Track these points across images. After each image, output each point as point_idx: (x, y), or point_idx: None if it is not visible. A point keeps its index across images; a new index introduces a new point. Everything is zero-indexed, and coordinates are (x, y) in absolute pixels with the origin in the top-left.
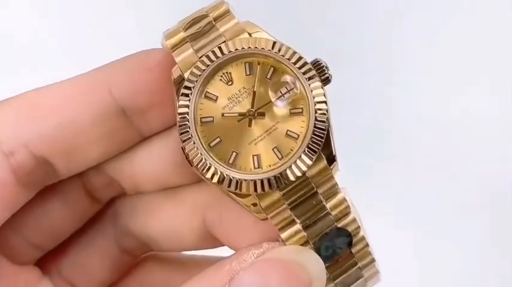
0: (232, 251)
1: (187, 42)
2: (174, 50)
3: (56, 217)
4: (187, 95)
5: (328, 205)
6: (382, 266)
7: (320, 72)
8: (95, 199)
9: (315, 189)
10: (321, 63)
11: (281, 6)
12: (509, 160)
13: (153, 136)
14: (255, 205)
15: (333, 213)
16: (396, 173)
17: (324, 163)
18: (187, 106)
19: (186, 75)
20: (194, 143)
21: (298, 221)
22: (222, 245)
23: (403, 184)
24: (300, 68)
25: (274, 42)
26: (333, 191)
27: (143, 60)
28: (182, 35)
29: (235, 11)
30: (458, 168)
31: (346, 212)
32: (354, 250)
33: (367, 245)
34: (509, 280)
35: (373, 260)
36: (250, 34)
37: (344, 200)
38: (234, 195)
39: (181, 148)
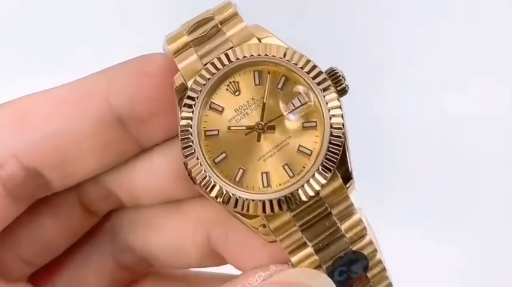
0: (238, 271)
1: (190, 47)
2: (176, 56)
3: (49, 231)
4: (190, 106)
5: (343, 227)
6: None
7: (336, 82)
8: (91, 212)
9: (329, 210)
10: (337, 73)
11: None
12: None
13: (154, 147)
14: (263, 226)
15: (348, 235)
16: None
17: (339, 181)
18: (191, 118)
19: (189, 84)
20: (197, 158)
21: (310, 244)
22: (227, 263)
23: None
24: (314, 77)
25: (286, 49)
26: (348, 211)
27: (143, 65)
28: (185, 39)
29: (243, 13)
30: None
31: (362, 234)
32: (370, 274)
33: (384, 269)
34: None
35: (390, 285)
36: (259, 39)
37: (360, 221)
38: (240, 216)
39: (184, 163)
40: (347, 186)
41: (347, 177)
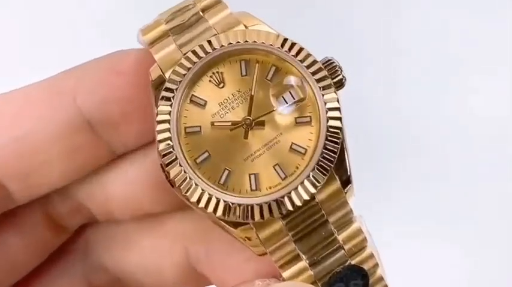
0: None
1: (169, 36)
2: (152, 46)
3: (13, 248)
4: (168, 99)
5: (341, 237)
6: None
7: (332, 73)
8: (60, 227)
9: (326, 217)
10: (334, 63)
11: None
12: None
13: (128, 154)
14: (249, 238)
15: (346, 247)
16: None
17: (336, 184)
18: (169, 113)
19: (167, 75)
20: (176, 158)
21: (304, 256)
22: (209, 283)
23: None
24: (308, 67)
25: (278, 36)
26: (347, 220)
27: (114, 63)
28: (163, 27)
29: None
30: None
31: (361, 246)
32: None
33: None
34: None
35: None
36: (246, 27)
37: (360, 231)
38: (225, 224)
39: (161, 165)
40: (345, 190)
41: (345, 180)
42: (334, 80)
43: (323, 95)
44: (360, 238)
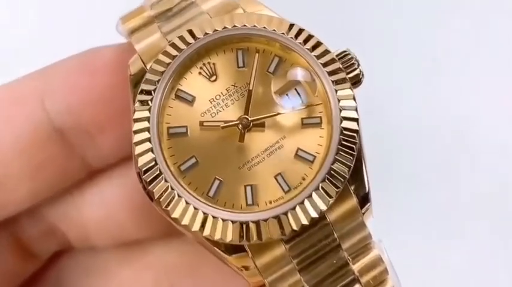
0: None
1: (154, 23)
2: (133, 35)
3: None
4: (149, 93)
5: (356, 267)
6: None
7: (347, 67)
8: (31, 254)
9: (338, 241)
10: (349, 55)
11: None
12: None
13: (106, 169)
14: (246, 267)
15: (363, 280)
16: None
17: (352, 201)
18: (149, 109)
19: (149, 66)
20: (156, 164)
21: None
22: None
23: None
24: (318, 57)
25: (282, 20)
26: (364, 246)
27: (86, 61)
28: (147, 14)
29: None
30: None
31: (381, 279)
32: None
33: None
34: None
35: None
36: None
37: (379, 260)
38: (215, 248)
39: (137, 173)
40: (363, 211)
41: (363, 197)
42: (350, 75)
43: (336, 91)
44: (379, 269)
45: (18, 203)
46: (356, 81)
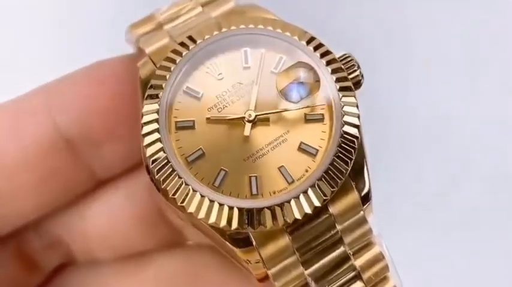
0: None
1: (163, 28)
2: (143, 38)
3: None
4: (158, 87)
5: (358, 262)
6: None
7: (348, 68)
8: (34, 266)
9: (340, 234)
10: (350, 59)
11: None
12: None
13: (113, 180)
14: (250, 261)
15: (365, 276)
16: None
17: (354, 195)
18: (158, 102)
19: (159, 65)
20: (164, 153)
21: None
22: None
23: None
24: (322, 56)
25: (286, 23)
26: (365, 240)
27: (93, 72)
28: (157, 20)
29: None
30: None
31: (382, 275)
32: None
33: None
34: None
35: None
36: None
37: (381, 256)
38: (222, 239)
39: (146, 165)
40: (364, 207)
41: (365, 195)
42: (350, 77)
43: (341, 98)
44: (380, 265)
45: (25, 215)
46: (356, 83)
